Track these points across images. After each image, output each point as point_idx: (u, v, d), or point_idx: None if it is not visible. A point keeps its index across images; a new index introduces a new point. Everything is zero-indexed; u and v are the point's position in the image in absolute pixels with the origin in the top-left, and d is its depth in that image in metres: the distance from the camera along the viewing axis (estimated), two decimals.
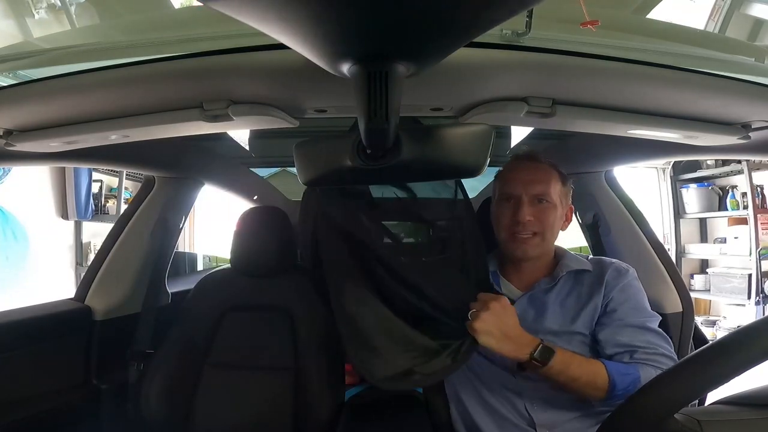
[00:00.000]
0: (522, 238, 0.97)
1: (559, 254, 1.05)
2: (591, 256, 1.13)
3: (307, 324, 1.22)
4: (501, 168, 1.08)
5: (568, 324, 0.95)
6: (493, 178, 1.10)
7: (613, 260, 1.03)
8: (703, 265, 3.68)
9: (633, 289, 0.97)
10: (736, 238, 3.33)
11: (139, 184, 1.49)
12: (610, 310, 0.95)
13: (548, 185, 0.98)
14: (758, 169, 3.20)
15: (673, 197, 3.74)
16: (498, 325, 0.86)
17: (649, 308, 0.98)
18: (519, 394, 0.95)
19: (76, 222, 3.08)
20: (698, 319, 3.24)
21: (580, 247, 1.92)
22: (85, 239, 3.14)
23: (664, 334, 0.95)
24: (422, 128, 0.81)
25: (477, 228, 1.05)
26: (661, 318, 0.99)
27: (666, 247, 1.93)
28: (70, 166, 2.79)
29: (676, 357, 0.94)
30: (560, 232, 1.03)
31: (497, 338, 0.86)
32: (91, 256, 3.02)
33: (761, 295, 3.09)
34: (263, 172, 2.08)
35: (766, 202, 3.21)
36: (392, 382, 0.90)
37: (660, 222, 3.74)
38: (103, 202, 3.27)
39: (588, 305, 0.96)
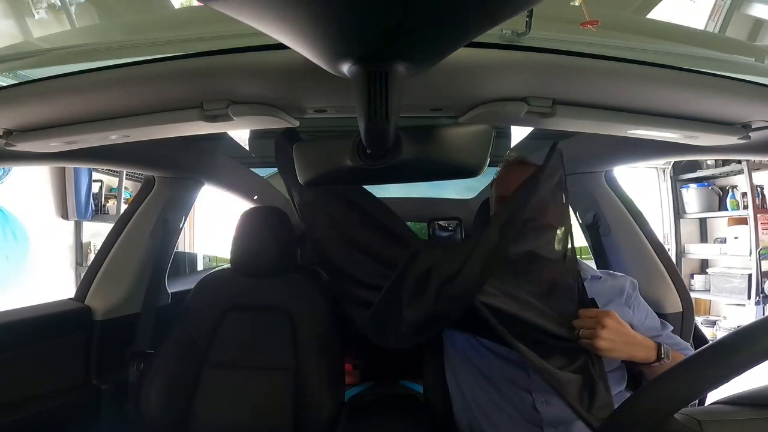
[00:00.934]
0: None
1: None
2: (598, 269, 1.15)
3: (307, 324, 1.22)
4: (496, 173, 1.10)
5: None
6: (492, 179, 1.11)
7: (623, 274, 1.09)
8: (703, 265, 3.68)
9: (642, 299, 1.06)
10: (736, 238, 3.33)
11: (139, 184, 1.49)
12: (648, 323, 1.02)
13: None
14: (758, 169, 3.20)
15: (673, 197, 3.74)
16: (621, 338, 0.86)
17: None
18: (529, 391, 0.95)
19: (76, 222, 3.07)
20: (698, 319, 3.24)
21: (580, 248, 1.92)
22: (85, 239, 3.14)
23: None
24: (422, 128, 0.81)
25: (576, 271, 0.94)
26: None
27: (666, 247, 1.93)
28: (70, 166, 2.79)
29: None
30: None
31: (624, 351, 0.87)
32: (91, 256, 3.02)
33: (761, 295, 3.09)
34: (263, 172, 2.08)
35: (766, 202, 3.21)
36: None
37: (660, 222, 3.73)
38: (103, 202, 3.27)
39: (610, 305, 0.98)
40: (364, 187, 1.07)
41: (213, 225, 3.82)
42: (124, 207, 3.11)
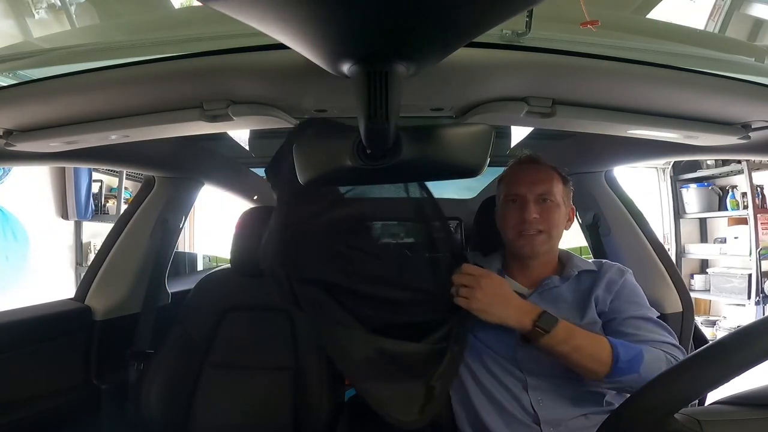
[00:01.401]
0: (529, 235, 0.99)
1: (566, 256, 1.07)
2: (593, 259, 1.15)
3: (307, 324, 1.22)
4: (503, 171, 1.09)
5: (579, 318, 0.96)
6: (492, 179, 1.11)
7: (614, 263, 1.07)
8: (703, 265, 3.68)
9: (632, 286, 1.02)
10: (736, 238, 3.32)
11: (139, 184, 1.49)
12: (614, 306, 0.98)
13: (551, 185, 1.01)
14: (758, 169, 3.19)
15: (673, 197, 3.74)
16: (495, 300, 0.87)
17: (648, 303, 1.01)
18: (526, 390, 0.95)
19: (76, 222, 3.07)
20: (698, 319, 3.24)
21: (580, 248, 1.92)
22: (85, 239, 3.14)
23: (664, 324, 0.98)
24: (422, 128, 0.81)
25: (444, 218, 1.01)
26: (658, 313, 1.01)
27: (666, 247, 1.93)
28: (70, 166, 2.79)
29: (677, 342, 0.96)
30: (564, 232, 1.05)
31: (497, 314, 0.87)
32: (91, 256, 3.02)
33: (761, 295, 3.09)
34: (263, 172, 2.07)
35: (766, 202, 3.20)
36: (425, 414, 0.86)
37: (660, 222, 3.73)
38: (103, 202, 3.27)
39: (590, 297, 0.98)
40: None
41: (213, 225, 3.82)
42: (124, 207, 3.11)
